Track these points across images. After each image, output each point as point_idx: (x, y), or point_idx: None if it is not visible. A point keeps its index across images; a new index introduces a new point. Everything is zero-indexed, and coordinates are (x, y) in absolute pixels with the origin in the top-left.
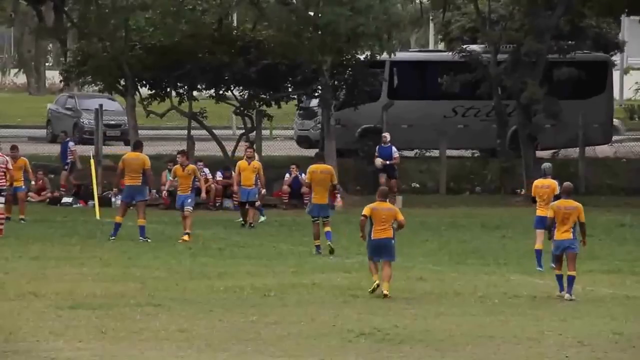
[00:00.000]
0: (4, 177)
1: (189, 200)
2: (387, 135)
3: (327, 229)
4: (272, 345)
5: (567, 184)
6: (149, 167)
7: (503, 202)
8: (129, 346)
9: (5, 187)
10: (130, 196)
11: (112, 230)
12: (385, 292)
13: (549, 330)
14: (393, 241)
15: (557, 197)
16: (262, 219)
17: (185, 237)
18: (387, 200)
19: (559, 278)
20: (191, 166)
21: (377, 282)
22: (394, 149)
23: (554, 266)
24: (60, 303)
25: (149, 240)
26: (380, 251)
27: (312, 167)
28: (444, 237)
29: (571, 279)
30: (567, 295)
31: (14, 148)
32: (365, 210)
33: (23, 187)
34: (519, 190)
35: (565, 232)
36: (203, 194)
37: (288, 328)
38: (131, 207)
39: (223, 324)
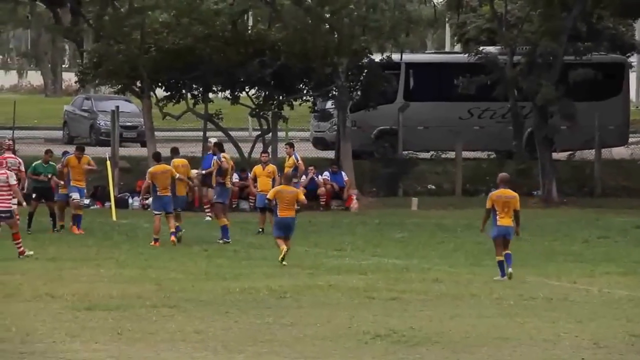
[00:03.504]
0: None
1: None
2: (212, 141)
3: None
4: (288, 347)
5: (503, 174)
6: (176, 175)
7: (519, 203)
8: (145, 347)
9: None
10: (162, 207)
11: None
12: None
13: (565, 332)
14: (294, 219)
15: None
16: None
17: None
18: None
19: (501, 264)
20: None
21: (284, 250)
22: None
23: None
24: (77, 304)
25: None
26: (285, 228)
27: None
28: (459, 238)
29: (508, 256)
30: (509, 270)
31: (79, 149)
32: (270, 193)
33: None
34: (535, 192)
35: (506, 218)
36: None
37: (304, 330)
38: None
39: (239, 326)
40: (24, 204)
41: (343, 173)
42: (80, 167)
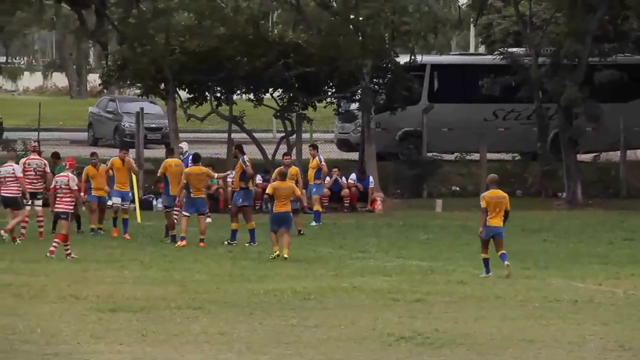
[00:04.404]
0: (40, 179)
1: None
2: (183, 146)
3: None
4: (312, 349)
5: (492, 175)
6: (215, 176)
7: (543, 205)
8: (170, 349)
9: (40, 191)
10: (194, 208)
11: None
12: (285, 255)
13: (590, 335)
14: (291, 214)
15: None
16: (314, 223)
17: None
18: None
19: (487, 262)
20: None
21: (277, 252)
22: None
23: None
24: (101, 306)
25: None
26: (281, 222)
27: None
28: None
29: (504, 254)
30: (506, 263)
31: (123, 150)
32: (269, 189)
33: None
34: (560, 194)
35: (496, 219)
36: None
37: (328, 331)
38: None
39: (263, 327)
40: (83, 208)
41: (370, 177)
42: (125, 170)
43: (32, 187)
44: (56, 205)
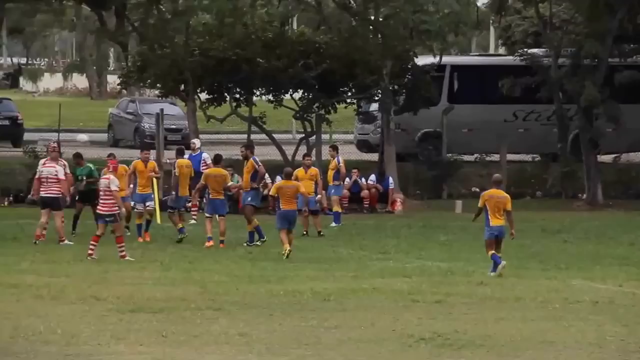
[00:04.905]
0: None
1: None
2: (196, 142)
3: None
4: (332, 350)
5: (496, 175)
6: (229, 182)
7: (564, 206)
8: (190, 350)
9: (56, 195)
10: (213, 209)
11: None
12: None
13: (611, 336)
14: (297, 212)
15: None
16: (333, 224)
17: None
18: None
19: (495, 256)
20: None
21: (289, 249)
22: (204, 155)
23: (488, 251)
24: (121, 307)
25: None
26: (288, 220)
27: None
28: (504, 241)
29: (498, 256)
30: (491, 274)
31: (145, 150)
32: (272, 190)
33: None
34: (580, 195)
35: (498, 218)
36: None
37: (348, 332)
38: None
39: (283, 328)
40: (123, 210)
41: (390, 178)
42: (147, 173)
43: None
44: (101, 208)
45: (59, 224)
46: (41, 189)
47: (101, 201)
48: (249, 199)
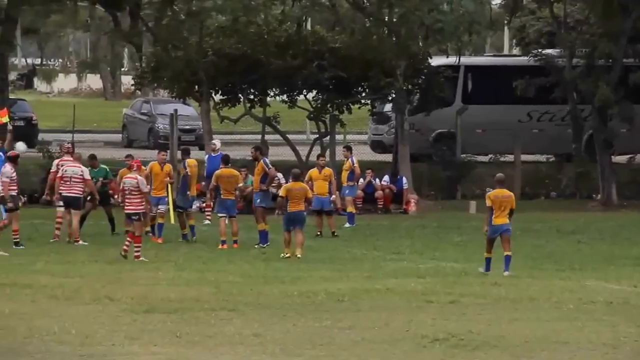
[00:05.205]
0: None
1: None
2: (216, 143)
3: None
4: (346, 350)
5: (499, 174)
6: (240, 183)
7: (578, 207)
8: (204, 350)
9: (78, 196)
10: (225, 210)
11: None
12: (298, 255)
13: (625, 337)
14: (305, 214)
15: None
16: (347, 225)
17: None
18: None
19: (489, 261)
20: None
21: (288, 254)
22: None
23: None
24: (135, 307)
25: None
26: (295, 222)
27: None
28: (518, 242)
29: (508, 258)
30: (505, 273)
31: (162, 152)
32: (282, 192)
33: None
34: (594, 196)
35: (502, 217)
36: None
37: (362, 333)
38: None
39: (297, 329)
40: (153, 210)
41: (404, 178)
42: (163, 175)
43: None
44: (126, 207)
45: (75, 224)
46: (63, 188)
47: (127, 200)
48: (258, 200)
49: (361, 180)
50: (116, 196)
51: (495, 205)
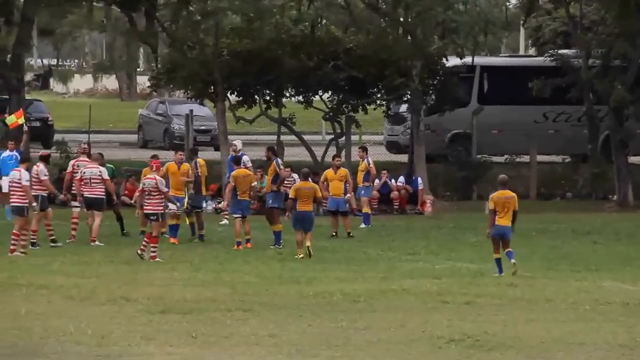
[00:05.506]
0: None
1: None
2: (237, 144)
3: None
4: (362, 351)
5: (502, 176)
6: (255, 183)
7: (594, 207)
8: (219, 351)
9: (101, 197)
10: (240, 210)
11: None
12: (308, 244)
13: None
14: (313, 214)
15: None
16: (363, 225)
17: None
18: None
19: (499, 261)
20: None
21: (302, 255)
22: (245, 157)
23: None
24: (151, 308)
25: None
26: (304, 221)
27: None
28: (534, 242)
29: (510, 252)
30: (512, 261)
31: (179, 152)
32: (291, 192)
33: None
34: (610, 196)
35: (504, 218)
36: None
37: (377, 334)
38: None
39: (313, 329)
40: (176, 208)
41: (419, 179)
42: (179, 175)
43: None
44: (145, 207)
45: (96, 224)
46: (84, 190)
47: (146, 201)
48: (270, 201)
49: (377, 180)
50: (133, 196)
51: (498, 206)
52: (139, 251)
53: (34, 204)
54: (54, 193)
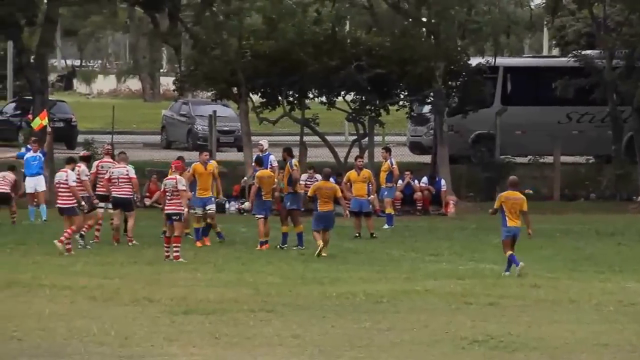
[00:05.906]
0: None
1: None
2: (263, 144)
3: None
4: (385, 352)
5: (512, 177)
6: (275, 184)
7: (618, 208)
8: (242, 352)
9: (129, 196)
10: (264, 210)
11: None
12: (324, 254)
13: None
14: (334, 213)
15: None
16: (386, 226)
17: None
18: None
19: (512, 257)
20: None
21: (321, 246)
22: (272, 157)
23: (507, 252)
24: (174, 308)
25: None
26: (325, 221)
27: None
28: (558, 243)
29: (515, 257)
30: (521, 264)
31: (204, 152)
32: (310, 191)
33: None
34: (634, 197)
35: (515, 220)
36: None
37: (401, 334)
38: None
39: (336, 330)
40: (197, 211)
41: (442, 180)
42: (207, 175)
43: (104, 191)
44: (167, 207)
45: (131, 224)
46: (113, 189)
47: (168, 200)
48: (289, 203)
49: (400, 181)
50: (153, 197)
51: (506, 207)
52: (174, 260)
53: (83, 203)
54: (90, 194)
